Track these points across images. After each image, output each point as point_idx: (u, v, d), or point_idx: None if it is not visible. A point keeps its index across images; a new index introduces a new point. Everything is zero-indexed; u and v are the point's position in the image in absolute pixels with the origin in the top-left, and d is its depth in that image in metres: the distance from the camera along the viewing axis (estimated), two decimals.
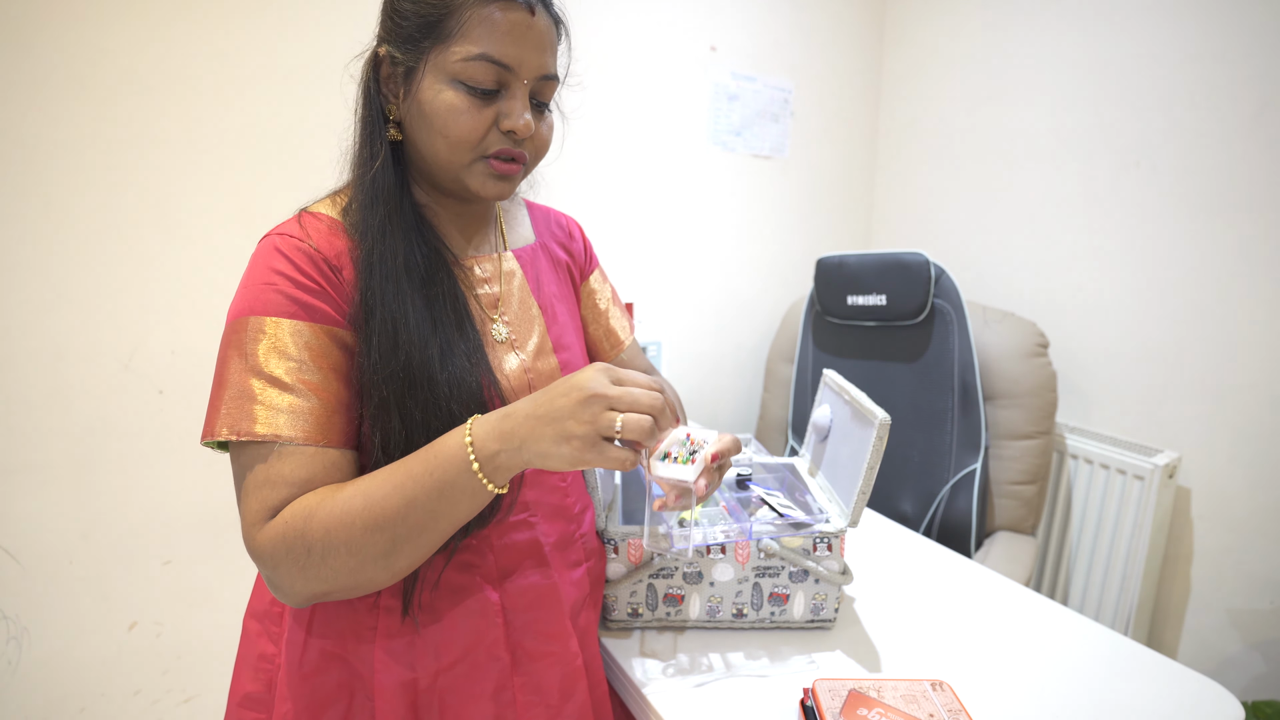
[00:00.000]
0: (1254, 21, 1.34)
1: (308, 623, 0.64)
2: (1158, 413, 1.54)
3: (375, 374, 0.59)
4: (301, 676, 0.63)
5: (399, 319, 0.60)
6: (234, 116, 1.20)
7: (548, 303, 0.76)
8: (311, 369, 0.57)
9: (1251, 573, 1.43)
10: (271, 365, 0.56)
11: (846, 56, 2.01)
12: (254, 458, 0.56)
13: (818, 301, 1.74)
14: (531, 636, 0.67)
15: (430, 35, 0.61)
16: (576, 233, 0.88)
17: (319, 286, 0.60)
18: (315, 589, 0.55)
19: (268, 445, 0.56)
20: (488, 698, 0.64)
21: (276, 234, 0.62)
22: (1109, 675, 0.77)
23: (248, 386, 0.56)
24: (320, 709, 0.63)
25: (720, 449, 0.64)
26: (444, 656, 0.63)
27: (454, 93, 0.61)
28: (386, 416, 0.59)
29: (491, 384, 0.64)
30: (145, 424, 1.20)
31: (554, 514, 0.72)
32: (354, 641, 0.63)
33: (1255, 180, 1.36)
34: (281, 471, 0.55)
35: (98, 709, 1.21)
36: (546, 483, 0.72)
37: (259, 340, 0.57)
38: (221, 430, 0.56)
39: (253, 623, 0.68)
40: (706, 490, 0.66)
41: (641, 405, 0.54)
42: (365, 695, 0.63)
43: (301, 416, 0.56)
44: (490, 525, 0.65)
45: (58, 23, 1.06)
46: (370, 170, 0.63)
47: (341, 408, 0.59)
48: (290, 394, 0.56)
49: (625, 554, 0.83)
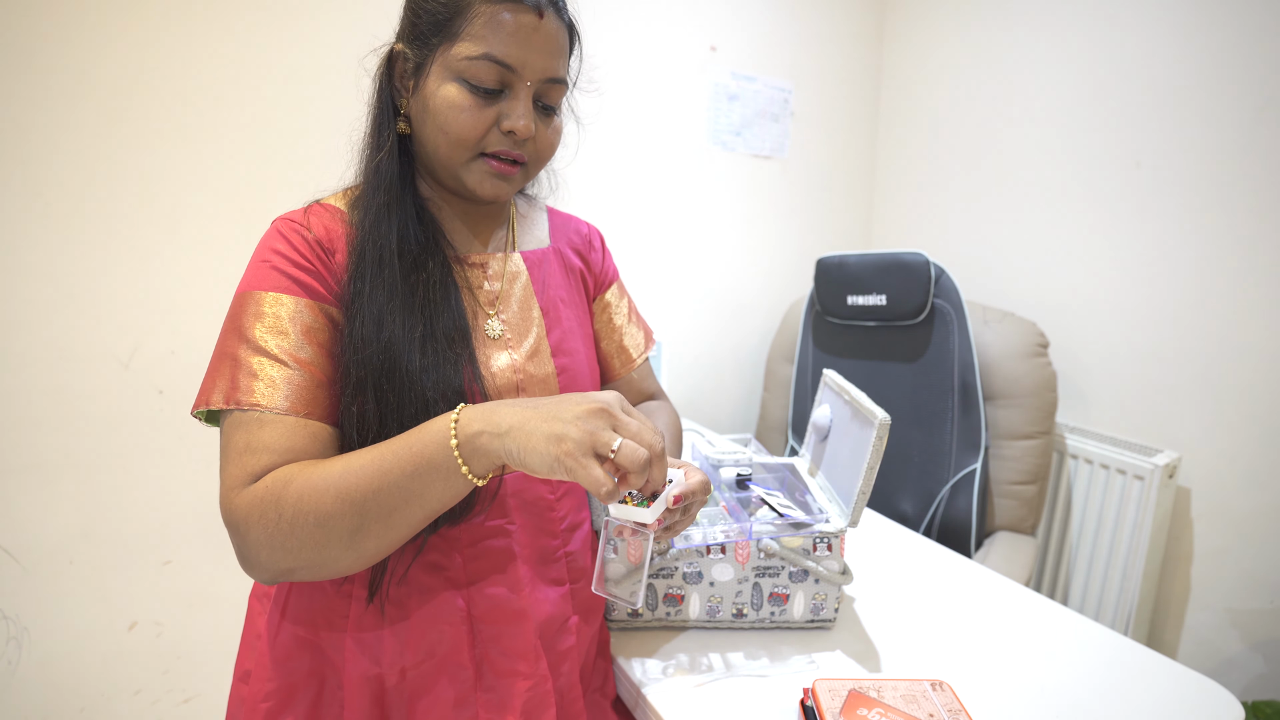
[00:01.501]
0: (1254, 21, 1.34)
1: (283, 606, 0.64)
2: (1158, 413, 1.54)
3: (356, 354, 0.59)
4: (275, 660, 0.63)
5: (383, 301, 0.61)
6: (235, 116, 1.20)
7: (551, 307, 0.75)
8: (301, 342, 0.59)
9: (1251, 573, 1.43)
10: (263, 337, 0.58)
11: (846, 56, 2.01)
12: (239, 425, 0.57)
13: (818, 301, 1.74)
14: (498, 651, 0.65)
15: (440, 33, 0.62)
16: (597, 242, 0.87)
17: (312, 266, 0.62)
18: (281, 563, 0.54)
19: (254, 414, 0.56)
20: (450, 708, 0.63)
21: (282, 218, 0.65)
22: (1109, 675, 0.77)
23: (240, 357, 0.58)
24: (292, 693, 0.63)
25: (686, 490, 0.63)
26: (409, 655, 0.63)
27: (457, 90, 0.62)
28: (362, 397, 0.59)
29: (475, 377, 0.64)
30: (145, 424, 1.20)
31: (535, 526, 0.70)
32: (326, 628, 0.63)
33: (1255, 180, 1.36)
34: (263, 439, 0.56)
35: (98, 709, 1.21)
36: (534, 492, 0.70)
37: (254, 314, 0.59)
38: (215, 399, 0.57)
39: (255, 602, 0.70)
40: (665, 535, 0.64)
41: (644, 439, 0.53)
42: (336, 684, 0.64)
43: (289, 386, 0.57)
44: (462, 524, 0.64)
45: (59, 23, 1.06)
46: (376, 158, 0.66)
47: (328, 383, 0.60)
48: (281, 365, 0.58)
49: (625, 554, 0.83)
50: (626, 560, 0.83)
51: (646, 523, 0.58)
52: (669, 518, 0.63)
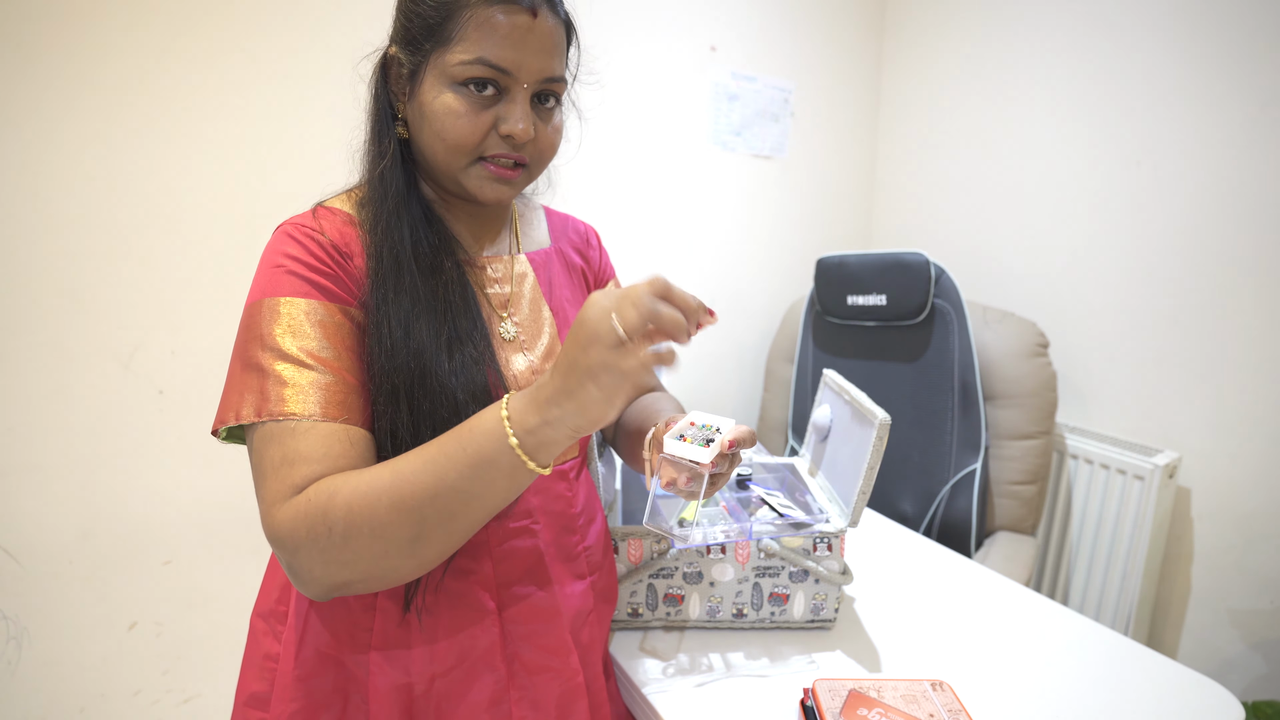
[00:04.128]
0: (1254, 21, 1.34)
1: (304, 623, 0.63)
2: (1158, 413, 1.54)
3: (388, 362, 0.58)
4: (298, 678, 0.62)
5: (408, 307, 0.60)
6: (235, 117, 1.20)
7: (559, 306, 0.75)
8: (327, 346, 0.57)
9: (1252, 572, 1.43)
10: (288, 343, 0.56)
11: (846, 56, 2.01)
12: (273, 438, 0.54)
13: (818, 301, 1.74)
14: (530, 649, 0.66)
15: (432, 38, 0.61)
16: (594, 240, 0.88)
17: (330, 269, 0.60)
18: (337, 577, 0.52)
19: (287, 424, 0.54)
20: (483, 709, 0.63)
21: (289, 223, 0.63)
22: (1109, 675, 0.77)
23: (266, 366, 0.55)
24: (316, 711, 0.62)
25: (736, 437, 0.63)
26: (439, 662, 0.63)
27: (453, 96, 0.61)
28: (395, 405, 0.58)
29: (499, 381, 0.64)
30: (145, 424, 1.20)
31: (557, 523, 0.71)
32: (349, 644, 0.63)
33: (1255, 180, 1.36)
34: (300, 449, 0.53)
35: (98, 709, 1.21)
36: (551, 489, 0.71)
37: (275, 321, 0.57)
38: (245, 413, 0.54)
39: (259, 622, 0.68)
40: (718, 480, 0.65)
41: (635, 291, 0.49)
42: (361, 699, 0.63)
43: (321, 392, 0.55)
44: (489, 528, 0.65)
45: (60, 23, 1.06)
46: (380, 167, 0.65)
47: (359, 386, 0.59)
48: (309, 370, 0.56)
49: (625, 554, 0.83)
50: (627, 561, 0.83)
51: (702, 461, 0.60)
52: (720, 464, 0.64)
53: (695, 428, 0.64)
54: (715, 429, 0.63)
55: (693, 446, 0.60)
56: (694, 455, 0.60)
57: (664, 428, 0.67)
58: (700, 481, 0.62)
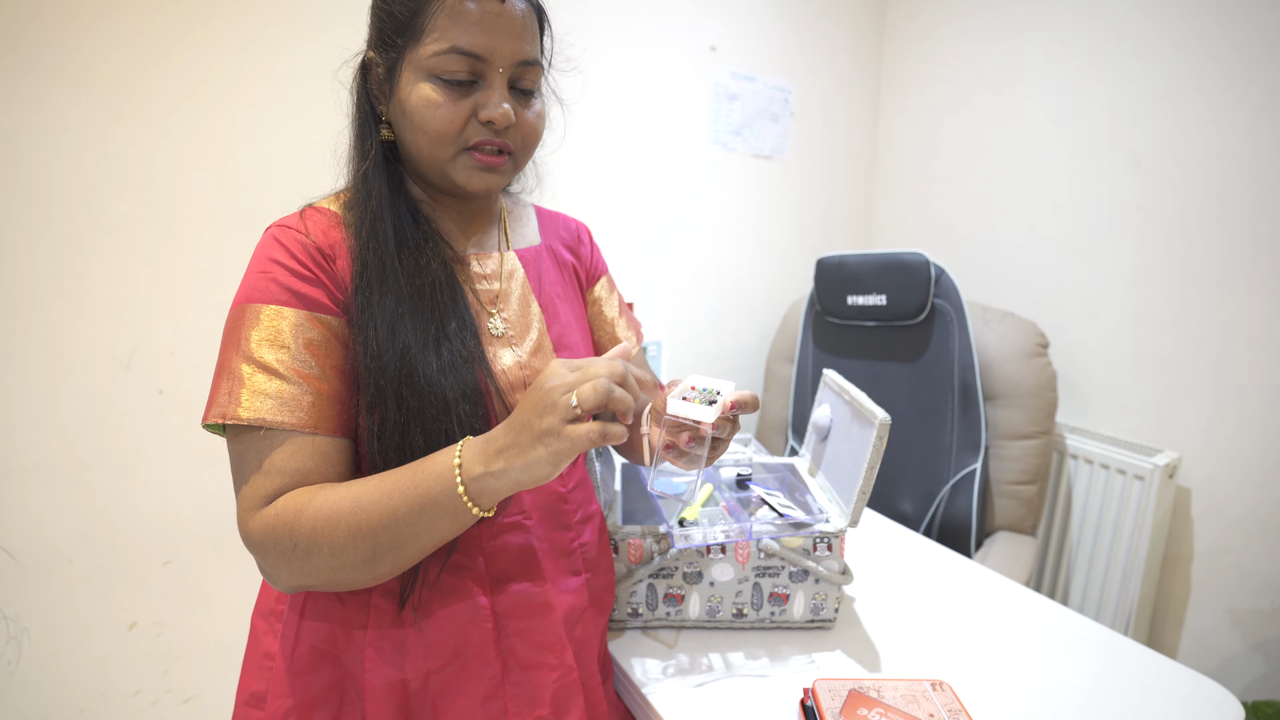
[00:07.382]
0: (1254, 21, 1.34)
1: (299, 619, 0.64)
2: (1158, 413, 1.54)
3: (374, 362, 0.59)
4: (293, 674, 0.63)
5: (393, 308, 0.61)
6: (235, 117, 1.20)
7: (549, 302, 0.76)
8: (304, 356, 0.59)
9: (1251, 573, 1.43)
10: (263, 352, 0.58)
11: (846, 56, 2.01)
12: (248, 444, 0.57)
13: (818, 301, 1.74)
14: (524, 644, 0.66)
15: (404, 33, 0.62)
16: (585, 237, 0.88)
17: (313, 275, 0.61)
18: (299, 581, 0.57)
19: (259, 431, 0.57)
20: (478, 704, 0.64)
21: (277, 225, 0.64)
22: (1109, 675, 0.77)
23: (239, 371, 0.57)
24: (312, 708, 0.63)
25: (738, 398, 0.64)
26: (433, 658, 0.63)
27: (429, 87, 0.62)
28: (383, 404, 0.59)
29: (486, 375, 0.65)
30: (145, 424, 1.20)
31: (551, 519, 0.71)
32: (345, 639, 0.63)
33: (1255, 180, 1.36)
34: (274, 460, 0.57)
35: (98, 709, 1.21)
36: (546, 486, 0.71)
37: (254, 327, 0.58)
38: (213, 413, 0.57)
39: (259, 621, 0.69)
40: (719, 446, 0.66)
41: (595, 374, 0.53)
42: (356, 695, 0.63)
43: (292, 403, 0.57)
44: (481, 524, 0.65)
45: (60, 23, 1.06)
46: (362, 168, 0.65)
47: (335, 396, 0.60)
48: (281, 380, 0.57)
49: (625, 554, 0.83)
50: (627, 561, 0.83)
51: (705, 421, 0.61)
52: (722, 427, 0.65)
53: (697, 390, 0.64)
54: (716, 391, 0.64)
55: (697, 406, 0.61)
56: (697, 415, 0.61)
57: (664, 393, 0.68)
58: (702, 444, 0.63)
